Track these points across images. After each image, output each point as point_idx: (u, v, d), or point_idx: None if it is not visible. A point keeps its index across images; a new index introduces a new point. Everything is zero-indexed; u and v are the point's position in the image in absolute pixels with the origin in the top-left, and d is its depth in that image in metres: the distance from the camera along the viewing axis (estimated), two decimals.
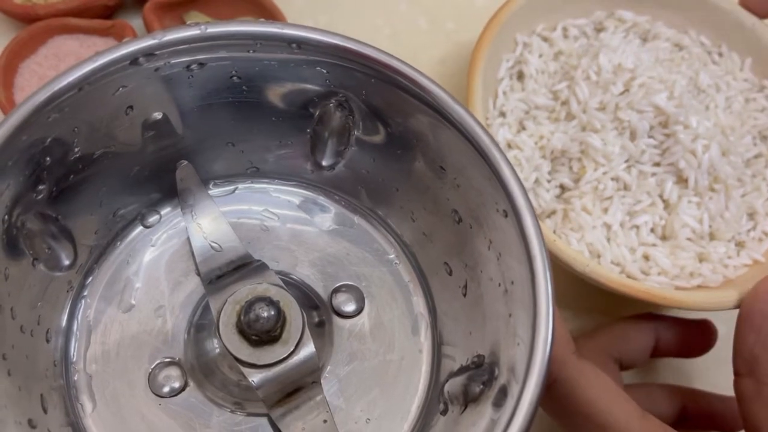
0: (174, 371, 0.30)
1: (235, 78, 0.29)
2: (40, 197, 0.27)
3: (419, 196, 0.31)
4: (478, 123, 0.26)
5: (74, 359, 0.30)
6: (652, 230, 0.37)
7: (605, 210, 0.37)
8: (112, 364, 0.30)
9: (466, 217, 0.29)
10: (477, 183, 0.28)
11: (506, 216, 0.26)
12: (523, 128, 0.39)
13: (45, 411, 0.27)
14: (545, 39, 0.42)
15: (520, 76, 0.41)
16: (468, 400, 0.28)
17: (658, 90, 0.38)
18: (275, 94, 0.30)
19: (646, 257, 0.36)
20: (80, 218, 0.29)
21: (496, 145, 0.26)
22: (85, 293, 0.31)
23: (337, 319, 0.32)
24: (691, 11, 0.43)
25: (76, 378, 0.29)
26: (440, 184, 0.30)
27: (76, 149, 0.27)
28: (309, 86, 0.29)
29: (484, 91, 0.38)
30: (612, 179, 0.37)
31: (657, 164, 0.38)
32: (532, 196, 0.37)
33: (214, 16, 0.44)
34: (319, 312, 0.32)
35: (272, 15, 0.43)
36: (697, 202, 0.37)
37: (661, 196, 0.37)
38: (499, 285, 0.27)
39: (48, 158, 0.26)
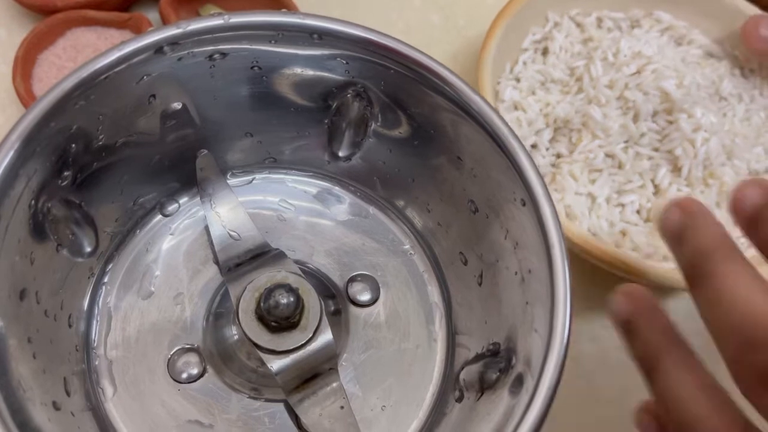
0: (193, 357, 0.30)
1: (255, 68, 0.29)
2: (64, 184, 0.27)
3: (435, 187, 0.32)
4: (497, 113, 0.27)
5: (95, 344, 0.30)
6: (638, 212, 0.37)
7: (593, 181, 0.37)
8: (132, 350, 0.30)
9: (483, 207, 0.30)
10: (495, 173, 0.28)
11: (524, 205, 0.26)
12: (533, 93, 0.40)
13: (68, 394, 0.27)
14: (578, 24, 0.42)
15: (545, 52, 0.41)
16: (484, 387, 0.28)
17: (669, 76, 0.38)
18: (295, 84, 0.30)
19: (624, 233, 0.37)
20: (102, 205, 0.30)
21: (514, 134, 0.27)
22: (106, 280, 0.31)
23: (352, 308, 0.32)
24: (730, 23, 0.42)
25: (97, 363, 0.30)
26: (457, 174, 0.30)
27: (100, 137, 0.28)
28: (329, 76, 0.29)
29: (502, 54, 0.38)
30: (607, 155, 0.37)
31: (655, 149, 0.38)
32: None
33: (230, 9, 0.44)
34: (336, 301, 0.32)
35: (287, 8, 0.43)
36: (687, 192, 0.37)
37: (653, 181, 0.37)
38: (516, 274, 0.28)
39: (73, 145, 0.27)
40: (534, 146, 0.38)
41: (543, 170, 0.38)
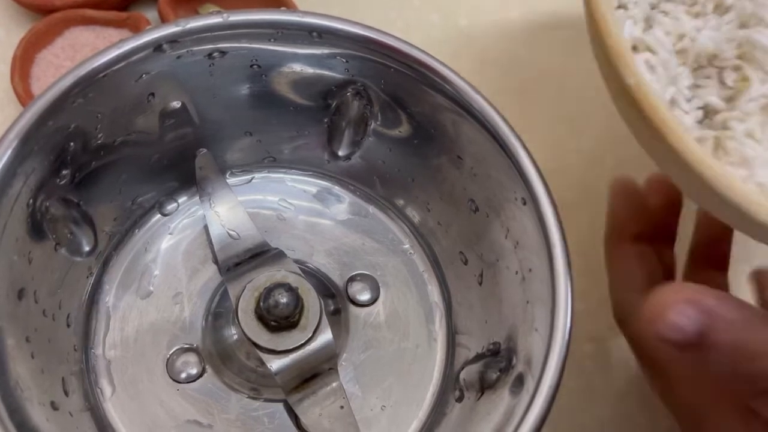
0: (192, 357, 0.30)
1: (255, 67, 0.29)
2: (63, 182, 0.27)
3: (435, 186, 0.32)
4: (497, 111, 0.27)
5: (94, 344, 0.30)
6: None
7: None
8: (130, 350, 0.30)
9: (483, 207, 0.30)
10: (495, 172, 0.28)
11: (525, 204, 0.26)
12: (650, 27, 0.29)
13: (66, 394, 0.27)
14: None
15: None
16: (484, 386, 0.28)
17: None
18: (294, 83, 0.30)
19: None
20: (101, 205, 0.30)
21: (515, 133, 0.27)
22: (104, 279, 0.31)
23: (352, 308, 0.32)
24: None
25: (95, 363, 0.30)
26: (457, 173, 0.30)
27: (99, 136, 0.28)
28: (328, 74, 0.29)
29: None
30: None
31: None
32: None
33: (228, 8, 0.44)
34: (335, 300, 0.32)
35: (286, 6, 0.43)
36: None
37: None
38: (516, 273, 0.28)
39: (72, 144, 0.27)
40: (672, 101, 0.27)
41: (692, 133, 0.26)
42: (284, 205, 0.34)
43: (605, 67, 0.26)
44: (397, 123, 0.31)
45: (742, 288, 0.32)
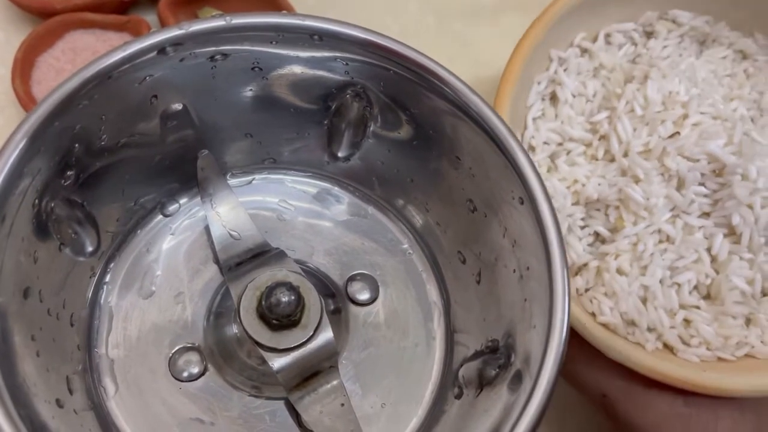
0: (194, 356, 0.31)
1: (256, 69, 0.30)
2: (67, 183, 0.27)
3: (434, 187, 0.32)
4: (495, 113, 0.27)
5: (97, 343, 0.30)
6: (695, 288, 0.33)
7: (644, 269, 0.32)
8: (133, 349, 0.30)
9: (481, 206, 0.30)
10: (493, 172, 0.28)
11: (522, 203, 0.27)
12: (554, 166, 0.34)
13: (71, 392, 0.28)
14: (584, 51, 0.36)
15: (553, 97, 0.35)
16: (483, 383, 0.28)
17: (714, 134, 0.32)
18: (295, 85, 0.31)
19: (688, 322, 0.32)
20: (104, 205, 0.30)
21: (513, 134, 0.27)
22: (107, 279, 0.31)
23: (352, 307, 0.33)
24: (762, 6, 0.36)
25: (98, 362, 0.30)
26: (455, 174, 0.31)
27: (103, 137, 0.28)
28: (328, 76, 0.30)
29: (512, 123, 0.32)
30: (653, 232, 0.32)
31: (706, 214, 0.33)
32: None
33: (227, 11, 0.45)
34: (335, 300, 0.32)
35: (283, 9, 0.43)
36: (749, 259, 0.32)
37: (709, 251, 0.32)
38: (514, 271, 0.28)
39: (76, 145, 0.27)
40: (568, 229, 0.33)
41: (582, 258, 0.33)
42: (284, 205, 0.34)
43: None
44: (396, 125, 0.31)
45: None
